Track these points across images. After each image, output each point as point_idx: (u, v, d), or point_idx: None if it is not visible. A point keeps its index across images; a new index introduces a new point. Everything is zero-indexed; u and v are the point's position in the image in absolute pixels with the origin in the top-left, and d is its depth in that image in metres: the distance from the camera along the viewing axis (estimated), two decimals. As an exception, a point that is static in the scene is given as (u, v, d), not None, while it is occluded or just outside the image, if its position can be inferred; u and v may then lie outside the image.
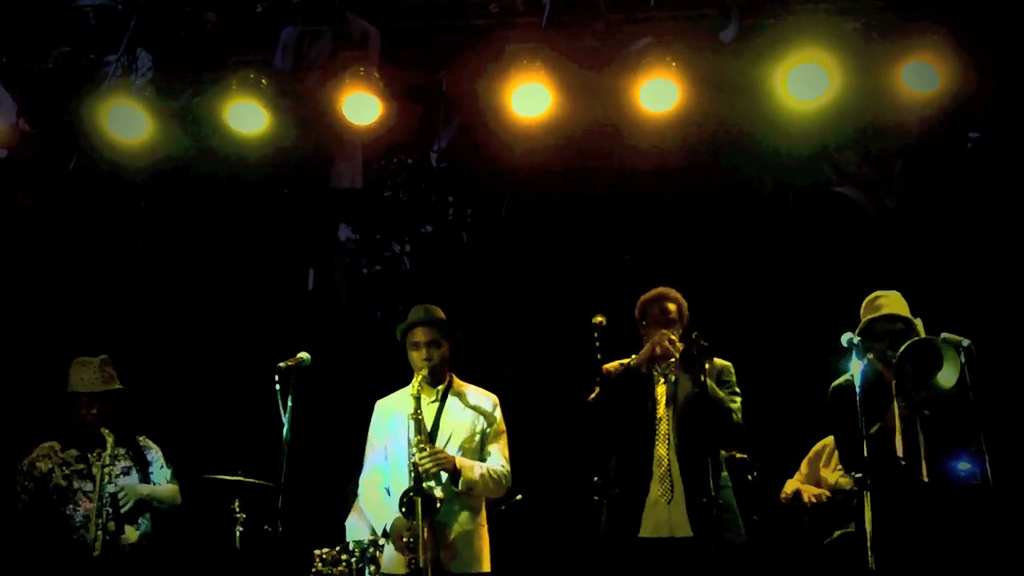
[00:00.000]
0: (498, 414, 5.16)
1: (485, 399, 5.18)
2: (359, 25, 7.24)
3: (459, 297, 5.26)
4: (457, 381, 5.22)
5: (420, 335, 5.10)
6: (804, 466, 6.34)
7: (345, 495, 6.09)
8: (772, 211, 7.52)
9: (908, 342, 4.83)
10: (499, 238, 7.49)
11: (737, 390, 5.26)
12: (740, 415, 5.18)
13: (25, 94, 7.23)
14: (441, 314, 5.17)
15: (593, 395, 5.22)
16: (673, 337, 5.16)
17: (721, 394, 5.11)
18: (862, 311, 5.14)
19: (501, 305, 6.93)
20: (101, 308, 7.28)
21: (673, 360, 5.14)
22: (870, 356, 4.91)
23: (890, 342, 4.91)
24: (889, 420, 4.73)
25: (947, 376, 4.77)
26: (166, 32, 7.30)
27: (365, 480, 5.15)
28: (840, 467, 5.82)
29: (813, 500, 6.10)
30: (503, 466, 5.06)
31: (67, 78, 7.33)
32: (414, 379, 5.05)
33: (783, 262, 7.41)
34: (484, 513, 5.09)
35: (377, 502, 5.04)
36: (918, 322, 5.04)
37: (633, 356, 5.25)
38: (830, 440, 6.08)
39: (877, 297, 5.10)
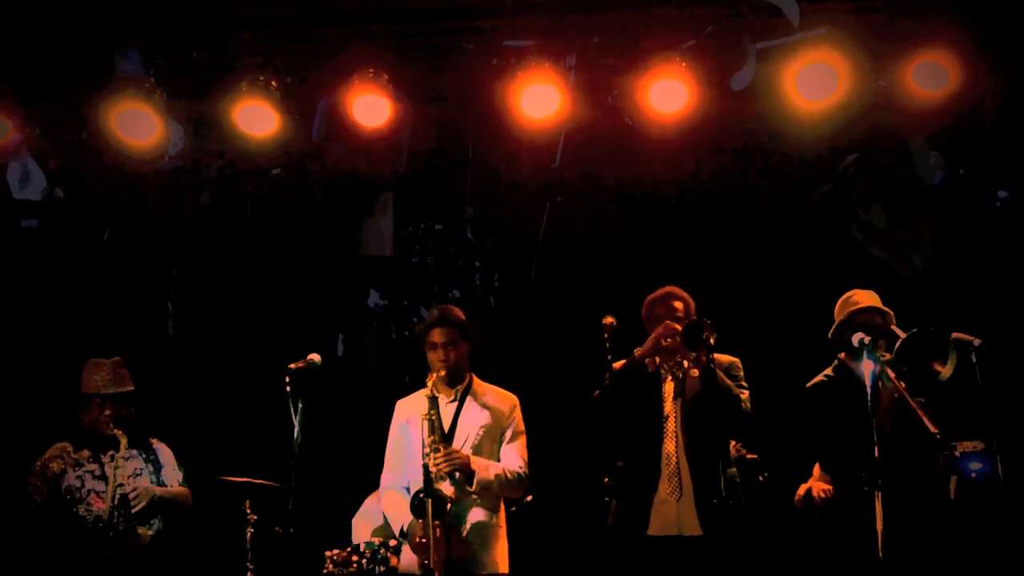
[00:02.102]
0: (517, 415, 5.17)
1: (504, 400, 5.18)
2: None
3: (486, 361, 5.33)
4: (476, 381, 5.23)
5: (437, 336, 5.11)
6: (817, 468, 6.32)
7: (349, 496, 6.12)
8: (781, 210, 7.52)
9: (910, 331, 4.88)
10: (527, 302, 7.51)
11: (745, 384, 5.26)
12: (748, 406, 5.17)
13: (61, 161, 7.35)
14: (460, 315, 5.18)
15: (599, 391, 5.22)
16: (676, 326, 5.16)
17: (729, 383, 5.11)
18: (837, 309, 5.20)
19: (529, 368, 6.92)
20: (114, 310, 7.29)
21: (677, 339, 5.10)
22: (882, 356, 4.93)
23: (871, 335, 4.96)
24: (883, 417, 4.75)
25: (948, 370, 4.81)
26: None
27: (385, 480, 5.17)
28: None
29: (823, 495, 6.08)
30: (520, 467, 5.07)
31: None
32: (429, 379, 5.06)
33: (794, 263, 7.41)
34: (503, 513, 5.10)
35: (396, 503, 5.06)
36: (891, 314, 5.12)
37: (637, 349, 5.25)
38: None
39: (852, 295, 5.23)
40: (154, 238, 7.33)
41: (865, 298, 5.25)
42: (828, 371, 5.24)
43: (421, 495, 4.82)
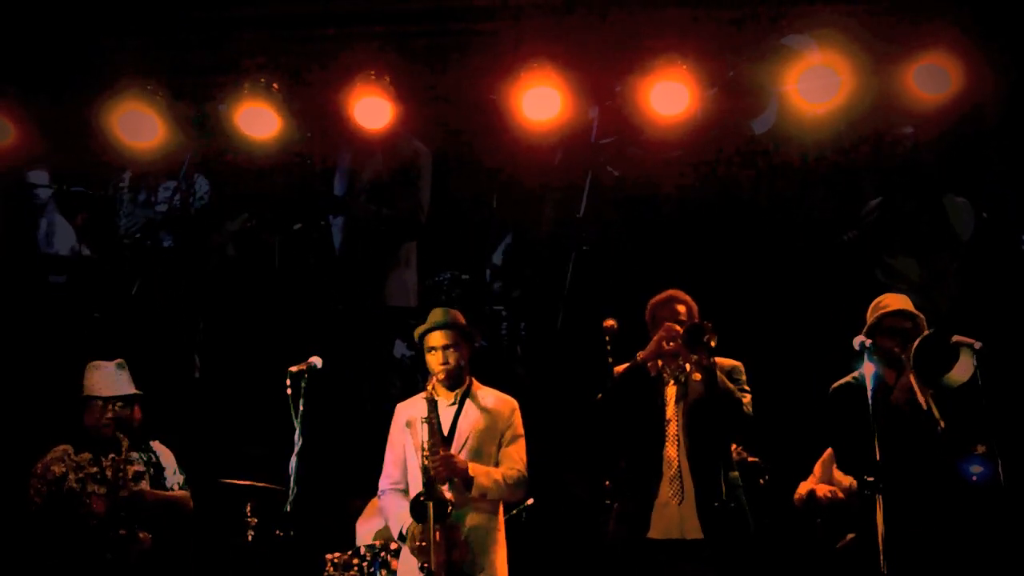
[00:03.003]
0: (516, 418, 5.16)
1: (504, 403, 5.18)
2: (410, 144, 7.46)
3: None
4: (476, 385, 5.22)
5: (438, 339, 5.10)
6: (817, 469, 6.31)
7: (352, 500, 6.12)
8: (783, 214, 7.51)
9: (924, 334, 4.88)
10: (554, 352, 7.51)
11: (747, 388, 5.25)
12: (750, 409, 5.17)
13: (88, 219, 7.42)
14: (460, 318, 5.17)
15: (601, 395, 5.22)
16: (678, 328, 5.16)
17: (731, 386, 5.11)
18: (869, 312, 5.18)
19: (554, 417, 6.92)
20: (117, 313, 7.31)
21: (678, 341, 5.10)
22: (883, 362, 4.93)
23: (900, 339, 4.95)
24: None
25: (960, 374, 4.81)
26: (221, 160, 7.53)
27: (384, 483, 5.16)
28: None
29: (828, 496, 6.07)
30: (519, 471, 5.06)
31: (127, 204, 7.60)
32: (428, 382, 5.06)
33: (796, 265, 7.40)
34: (501, 517, 5.09)
35: (395, 506, 5.05)
36: (923, 319, 5.11)
37: (640, 352, 5.25)
38: None
39: (884, 298, 5.20)
40: (181, 291, 7.36)
41: (895, 302, 5.19)
42: (855, 374, 5.21)
43: (421, 498, 4.82)
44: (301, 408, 5.10)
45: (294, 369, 5.17)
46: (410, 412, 5.17)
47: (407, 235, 7.53)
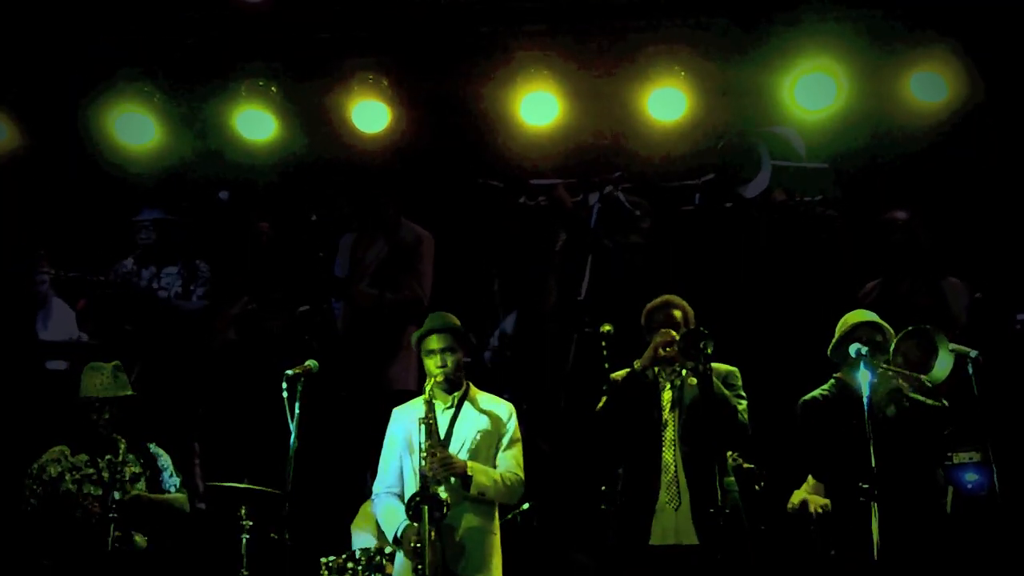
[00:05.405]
0: (513, 422, 5.17)
1: (500, 407, 5.19)
2: (412, 229, 7.49)
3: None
4: (473, 389, 5.23)
5: (435, 342, 5.11)
6: (811, 477, 6.34)
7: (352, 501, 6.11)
8: (780, 220, 7.53)
9: (907, 328, 4.92)
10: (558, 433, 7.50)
11: (743, 394, 5.26)
12: (746, 416, 5.18)
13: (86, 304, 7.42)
14: (456, 321, 5.19)
15: (601, 405, 5.23)
16: (674, 334, 5.16)
17: (727, 392, 5.12)
18: (838, 328, 5.21)
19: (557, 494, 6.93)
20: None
21: (675, 348, 5.11)
22: (880, 365, 4.95)
23: (872, 350, 4.98)
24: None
25: (941, 368, 4.86)
26: (221, 245, 7.65)
27: (378, 486, 5.16)
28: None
29: (819, 510, 6.10)
30: (516, 474, 5.07)
31: (128, 291, 7.64)
32: (426, 385, 5.06)
33: (792, 272, 7.41)
34: (496, 520, 5.10)
35: (389, 509, 5.06)
36: (891, 332, 5.15)
37: (637, 361, 5.25)
38: None
39: (853, 314, 5.23)
40: (181, 376, 7.36)
41: (866, 317, 5.25)
42: (825, 387, 5.24)
43: (417, 499, 4.82)
44: (297, 411, 5.10)
45: (291, 372, 5.17)
46: (406, 415, 5.18)
47: (410, 318, 7.51)
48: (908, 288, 6.82)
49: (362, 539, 6.03)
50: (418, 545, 4.78)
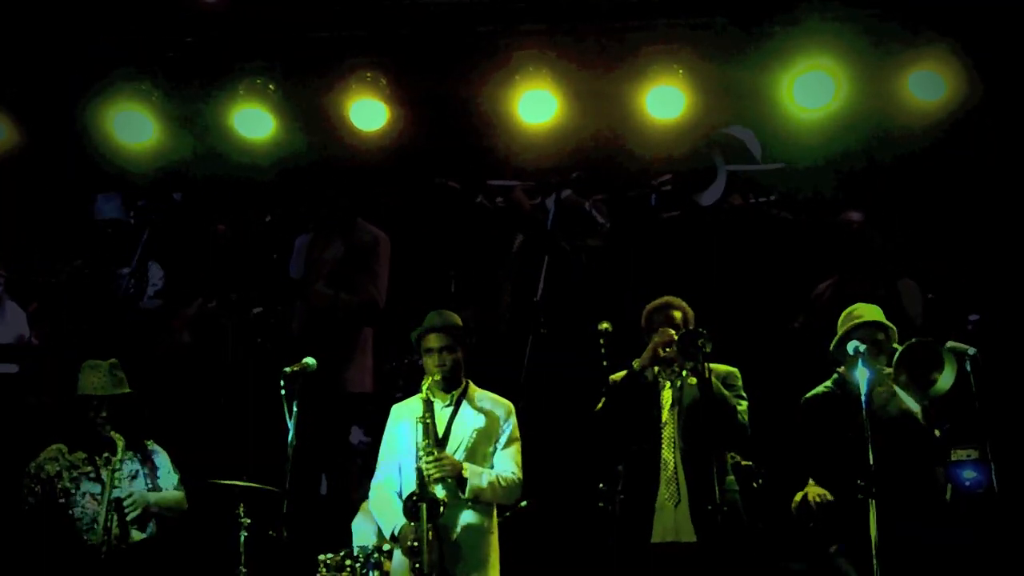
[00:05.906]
0: (512, 421, 5.17)
1: (499, 406, 5.18)
2: (369, 231, 7.46)
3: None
4: (472, 387, 5.23)
5: (434, 341, 5.12)
6: (812, 480, 6.32)
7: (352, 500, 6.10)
8: (778, 220, 7.53)
9: (908, 343, 4.91)
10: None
11: (743, 394, 5.28)
12: (746, 417, 5.19)
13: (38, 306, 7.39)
14: (456, 320, 5.18)
15: (600, 405, 5.24)
16: (673, 334, 5.17)
17: (726, 392, 5.12)
18: (840, 322, 5.20)
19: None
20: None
21: (673, 348, 5.11)
22: (878, 365, 4.96)
23: (873, 350, 4.97)
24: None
25: (945, 380, 4.84)
26: (176, 246, 7.57)
27: (376, 484, 5.17)
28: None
29: (818, 500, 6.07)
30: (514, 473, 5.06)
31: (79, 291, 7.52)
32: (424, 383, 5.06)
33: (792, 271, 7.42)
34: (495, 519, 5.10)
35: (387, 506, 5.05)
36: (894, 330, 5.13)
37: (636, 361, 5.26)
38: None
39: (855, 309, 5.22)
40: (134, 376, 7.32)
41: (868, 312, 5.22)
42: (827, 384, 5.24)
43: (415, 498, 4.82)
44: (295, 409, 5.11)
45: (288, 370, 5.17)
46: (405, 413, 5.18)
47: (365, 320, 7.43)
48: (862, 288, 6.80)
49: (363, 534, 6.02)
50: (415, 544, 4.79)
